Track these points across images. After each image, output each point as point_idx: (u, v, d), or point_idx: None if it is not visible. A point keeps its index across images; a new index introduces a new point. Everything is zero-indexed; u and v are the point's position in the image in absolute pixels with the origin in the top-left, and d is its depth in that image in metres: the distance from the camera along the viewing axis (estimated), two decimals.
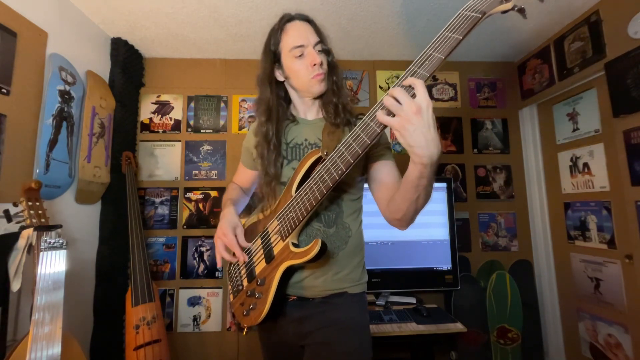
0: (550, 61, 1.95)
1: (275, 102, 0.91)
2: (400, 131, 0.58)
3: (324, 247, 0.73)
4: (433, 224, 1.93)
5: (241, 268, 0.91)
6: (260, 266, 0.85)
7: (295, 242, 0.82)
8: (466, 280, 1.98)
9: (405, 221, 0.77)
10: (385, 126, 0.62)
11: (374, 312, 1.72)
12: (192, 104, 2.15)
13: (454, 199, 2.00)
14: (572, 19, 1.77)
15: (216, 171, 2.11)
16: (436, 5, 1.64)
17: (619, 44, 1.52)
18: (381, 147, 0.88)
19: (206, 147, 2.12)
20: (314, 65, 0.83)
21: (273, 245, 0.83)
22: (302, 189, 0.77)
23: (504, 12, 0.58)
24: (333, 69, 0.89)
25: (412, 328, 1.55)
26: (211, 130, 2.14)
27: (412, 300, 1.89)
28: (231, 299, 0.94)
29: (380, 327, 1.55)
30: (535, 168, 2.17)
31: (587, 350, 1.80)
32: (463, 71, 2.28)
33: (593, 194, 1.77)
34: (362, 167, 0.90)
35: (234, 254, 0.88)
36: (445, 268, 1.89)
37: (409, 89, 0.58)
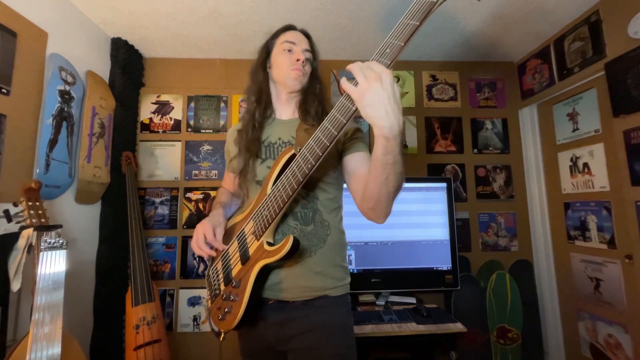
0: (550, 61, 1.95)
1: (267, 87, 0.96)
2: (360, 100, 0.57)
3: (296, 243, 0.72)
4: (433, 224, 1.93)
5: (219, 272, 0.90)
6: (236, 268, 0.83)
7: (271, 240, 0.81)
8: (466, 280, 1.98)
9: (380, 210, 0.73)
10: (350, 117, 0.63)
11: (374, 312, 1.72)
12: (192, 104, 2.15)
13: (454, 199, 2.00)
14: (572, 19, 1.77)
15: (216, 171, 2.11)
16: None
17: (619, 44, 1.52)
18: (353, 140, 0.88)
19: (206, 147, 2.12)
20: (298, 60, 0.89)
21: (249, 245, 0.82)
22: (276, 186, 0.77)
23: None
24: (315, 78, 0.96)
25: (412, 328, 1.55)
26: (211, 130, 2.14)
27: (412, 300, 1.89)
28: (209, 305, 0.92)
29: (380, 327, 1.55)
30: (535, 168, 2.17)
31: (587, 350, 1.80)
32: (463, 71, 2.28)
33: (593, 194, 1.77)
34: (336, 165, 0.90)
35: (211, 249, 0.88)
36: (445, 268, 1.89)
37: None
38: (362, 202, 0.77)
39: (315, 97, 0.93)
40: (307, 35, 0.96)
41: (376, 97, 0.56)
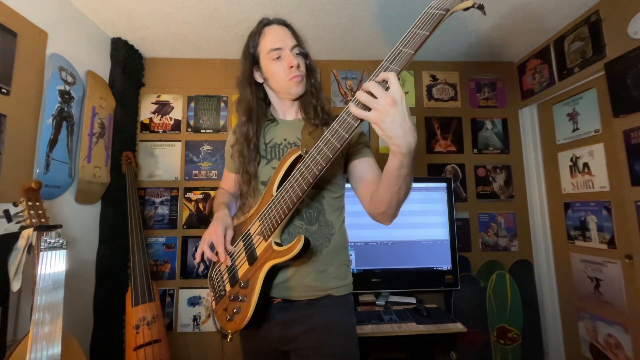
0: (550, 61, 1.95)
1: (255, 103, 0.93)
2: (378, 124, 0.59)
3: (307, 243, 0.72)
4: (433, 224, 1.93)
5: (223, 273, 0.90)
6: (243, 269, 0.83)
7: (278, 241, 0.81)
8: (466, 280, 1.98)
9: (389, 214, 0.77)
10: (361, 120, 0.63)
11: (374, 312, 1.72)
12: (192, 104, 2.15)
13: (454, 199, 2.00)
14: (572, 19, 1.77)
15: (216, 171, 2.11)
16: None
17: (619, 44, 1.52)
18: (360, 145, 0.89)
19: (206, 147, 2.12)
20: (291, 67, 0.85)
21: (255, 246, 0.82)
22: (283, 187, 0.77)
23: (466, 9, 0.61)
24: (311, 72, 0.93)
25: (412, 328, 1.55)
26: (211, 130, 2.14)
27: (412, 300, 1.89)
28: (213, 306, 0.92)
29: (380, 327, 1.55)
30: (535, 168, 2.17)
31: (587, 350, 1.80)
32: (463, 71, 2.28)
33: (593, 194, 1.77)
34: (342, 166, 0.91)
35: (216, 253, 0.85)
36: (445, 268, 1.89)
37: (383, 83, 0.60)
38: (371, 206, 0.80)
39: (312, 95, 0.92)
40: (287, 25, 0.91)
41: (394, 121, 0.58)
